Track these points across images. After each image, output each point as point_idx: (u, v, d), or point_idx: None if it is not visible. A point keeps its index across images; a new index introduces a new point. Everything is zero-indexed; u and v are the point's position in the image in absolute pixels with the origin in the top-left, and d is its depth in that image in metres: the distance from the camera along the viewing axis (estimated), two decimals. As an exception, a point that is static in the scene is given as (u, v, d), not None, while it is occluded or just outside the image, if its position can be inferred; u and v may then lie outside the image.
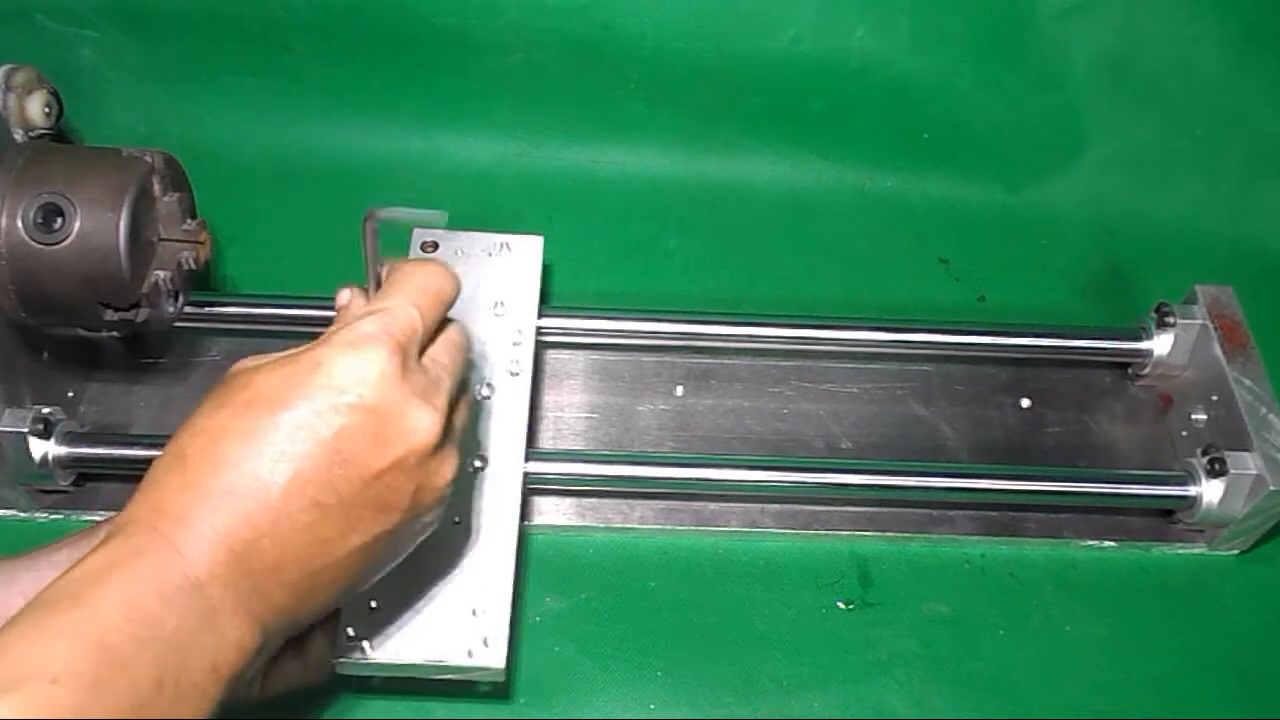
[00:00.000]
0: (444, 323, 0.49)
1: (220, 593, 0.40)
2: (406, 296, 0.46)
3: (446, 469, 0.47)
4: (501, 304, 0.69)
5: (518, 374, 0.66)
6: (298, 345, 0.45)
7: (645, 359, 0.78)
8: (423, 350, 0.46)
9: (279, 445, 0.41)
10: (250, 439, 0.41)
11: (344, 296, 0.49)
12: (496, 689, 0.62)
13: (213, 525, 0.40)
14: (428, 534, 0.49)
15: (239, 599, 0.41)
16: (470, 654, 0.56)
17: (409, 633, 0.56)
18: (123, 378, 0.75)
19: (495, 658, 0.56)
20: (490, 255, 0.72)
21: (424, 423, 0.44)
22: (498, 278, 0.70)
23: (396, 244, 0.72)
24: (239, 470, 0.41)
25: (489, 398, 0.65)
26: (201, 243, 0.61)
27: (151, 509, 0.41)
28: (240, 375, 0.44)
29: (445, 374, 0.47)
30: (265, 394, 0.42)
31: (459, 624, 0.56)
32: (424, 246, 0.71)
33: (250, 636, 0.41)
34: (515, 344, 0.67)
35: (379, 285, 0.48)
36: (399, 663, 0.55)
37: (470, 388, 0.51)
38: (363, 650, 0.55)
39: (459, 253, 0.71)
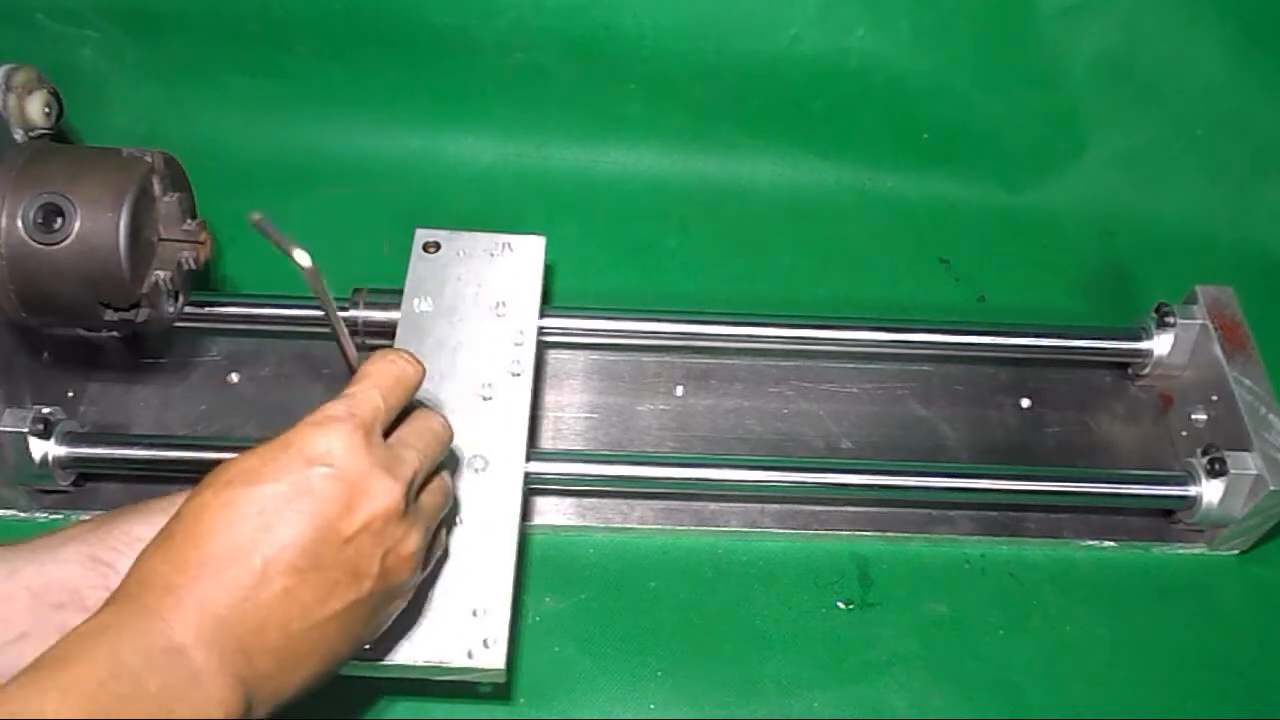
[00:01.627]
0: (422, 412, 0.53)
1: (204, 656, 0.42)
2: (370, 382, 0.49)
3: (412, 538, 0.49)
4: (503, 304, 0.69)
5: (519, 375, 0.66)
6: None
7: (645, 359, 0.78)
8: (392, 432, 0.50)
9: (256, 516, 0.44)
10: (228, 511, 0.44)
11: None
12: (497, 689, 0.62)
13: (193, 594, 0.42)
14: (400, 607, 0.51)
15: (223, 661, 0.42)
16: (471, 655, 0.56)
17: (410, 634, 0.56)
18: (123, 378, 0.75)
19: (496, 659, 0.56)
20: (492, 256, 0.72)
21: (385, 488, 0.47)
22: (499, 278, 0.70)
23: (404, 230, 0.72)
24: (218, 541, 0.44)
25: (490, 399, 0.65)
26: (201, 243, 0.61)
27: (138, 583, 0.43)
28: (222, 464, 0.47)
29: (412, 453, 0.50)
30: (242, 472, 0.45)
31: (459, 625, 0.56)
32: (426, 247, 0.71)
33: (234, 697, 0.42)
34: (517, 344, 0.67)
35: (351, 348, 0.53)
36: (400, 664, 0.55)
37: (448, 474, 0.54)
38: (363, 652, 0.55)
39: (460, 253, 0.71)
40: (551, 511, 0.71)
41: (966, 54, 0.87)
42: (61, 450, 0.66)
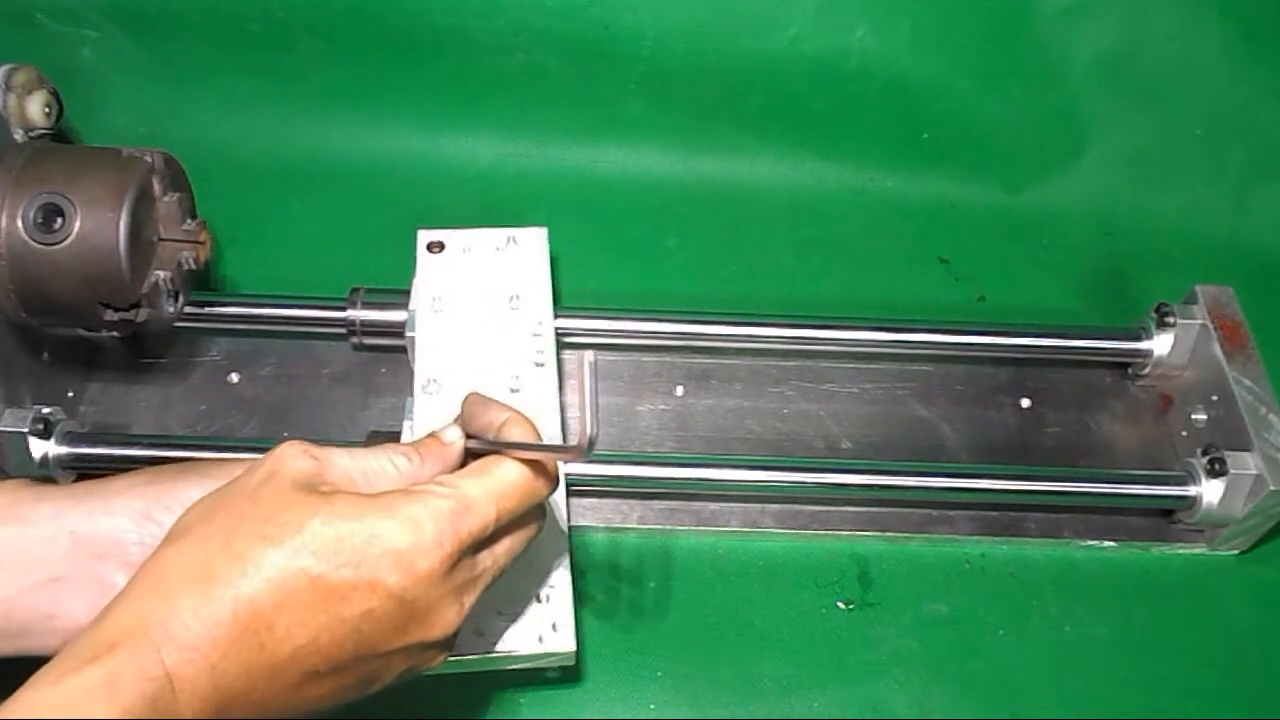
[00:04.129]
0: (530, 516, 0.48)
1: None
2: (494, 492, 0.44)
3: (440, 659, 0.47)
4: (516, 297, 0.69)
5: (542, 364, 0.66)
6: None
7: (645, 359, 0.78)
8: (487, 542, 0.46)
9: (304, 611, 0.41)
10: (281, 593, 0.40)
11: (452, 435, 0.48)
12: (565, 671, 0.62)
13: (214, 668, 0.40)
14: None
15: None
16: (541, 640, 0.56)
17: (478, 627, 0.56)
18: (123, 378, 0.75)
19: (565, 641, 0.56)
20: (498, 250, 0.72)
21: (445, 621, 0.44)
22: (508, 272, 0.70)
23: (403, 230, 0.72)
24: (257, 620, 0.40)
25: (518, 390, 0.65)
26: (201, 243, 0.61)
27: (165, 632, 0.40)
28: (297, 504, 0.42)
29: (492, 571, 0.46)
30: (313, 548, 0.41)
31: (527, 612, 0.57)
32: (430, 246, 0.71)
33: None
34: (535, 335, 0.68)
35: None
36: (473, 658, 0.55)
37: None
38: None
39: (465, 250, 0.71)
40: (551, 511, 0.71)
41: (966, 54, 0.87)
42: (62, 450, 0.66)
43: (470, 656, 0.55)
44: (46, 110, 0.62)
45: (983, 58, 0.87)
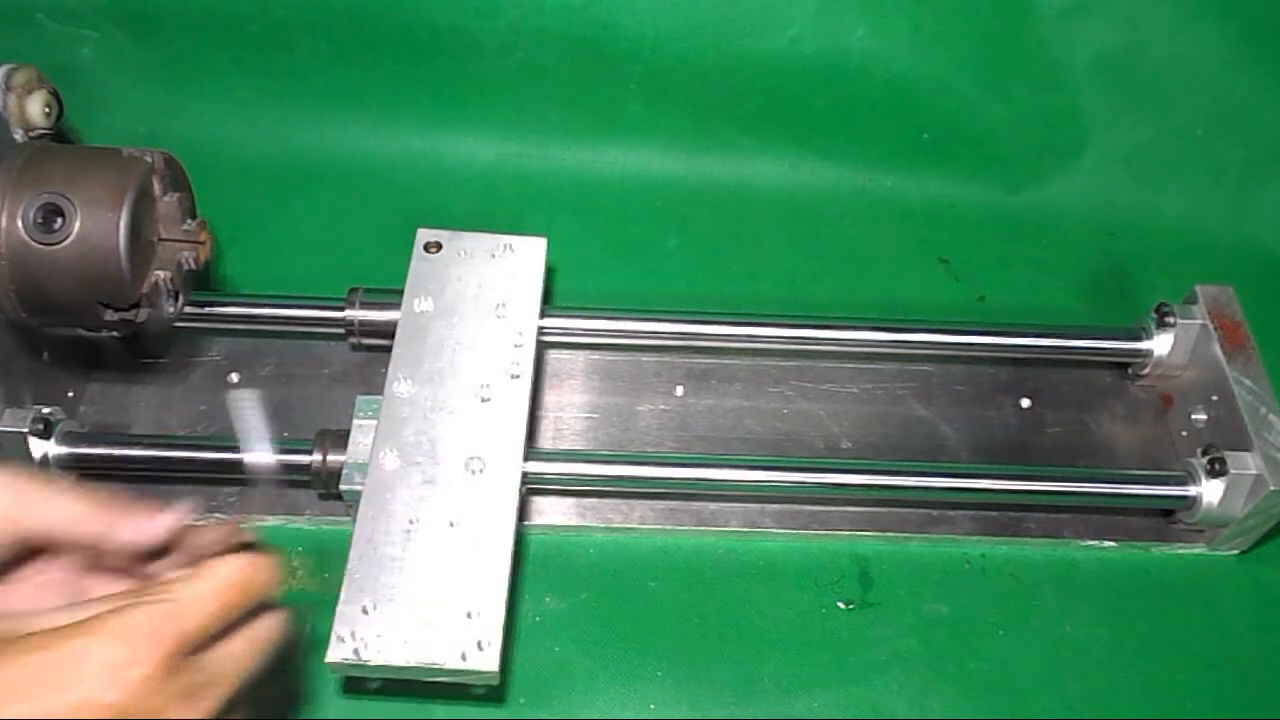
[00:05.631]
0: (262, 618, 0.46)
1: None
2: (211, 586, 0.43)
3: None
4: (503, 305, 0.69)
5: (518, 376, 0.66)
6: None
7: (645, 359, 0.78)
8: (220, 637, 0.43)
9: None
10: None
11: (170, 521, 0.45)
12: (490, 691, 0.62)
13: None
14: None
15: None
16: (464, 657, 0.56)
17: (402, 635, 0.56)
18: (123, 378, 0.75)
19: (489, 661, 0.56)
20: (494, 256, 0.72)
21: None
22: (500, 279, 0.70)
23: (403, 231, 0.72)
24: None
25: (488, 400, 0.65)
26: (201, 243, 0.61)
27: None
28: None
29: (230, 675, 0.44)
30: (15, 686, 0.38)
31: (453, 627, 0.56)
32: (428, 247, 0.71)
33: None
34: (516, 346, 0.67)
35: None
36: (393, 665, 0.55)
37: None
38: (355, 651, 0.55)
39: (462, 254, 0.71)
40: (551, 511, 0.71)
41: (966, 54, 0.87)
42: (61, 450, 0.66)
43: (392, 663, 0.55)
44: (46, 110, 0.62)
45: (983, 58, 0.87)
